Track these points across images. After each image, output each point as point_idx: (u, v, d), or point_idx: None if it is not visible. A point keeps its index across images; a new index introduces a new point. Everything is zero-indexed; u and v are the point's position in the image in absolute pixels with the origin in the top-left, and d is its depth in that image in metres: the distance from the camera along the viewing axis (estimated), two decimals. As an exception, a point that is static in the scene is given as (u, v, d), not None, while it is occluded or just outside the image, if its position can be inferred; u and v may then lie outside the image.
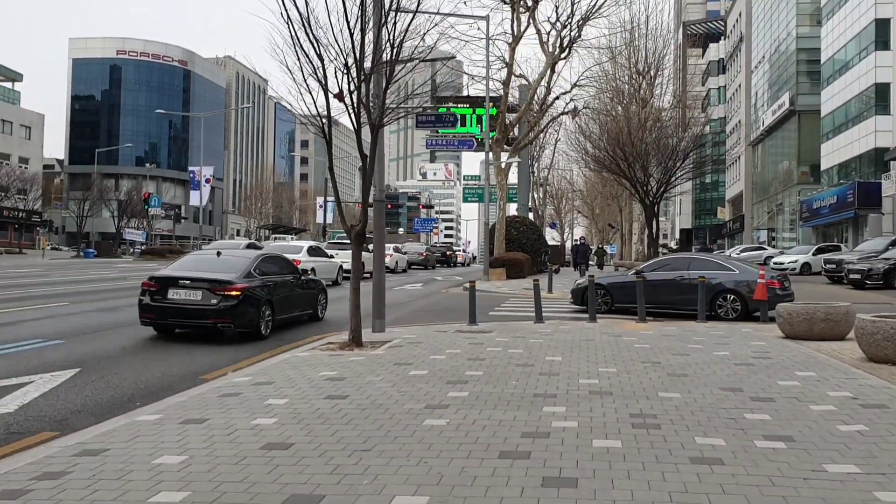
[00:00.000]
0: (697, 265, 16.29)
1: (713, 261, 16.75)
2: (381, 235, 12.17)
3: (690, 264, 16.43)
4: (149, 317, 11.45)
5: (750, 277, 15.54)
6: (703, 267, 16.12)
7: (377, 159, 12.03)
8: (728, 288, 15.45)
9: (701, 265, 16.28)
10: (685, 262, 16.79)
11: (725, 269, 16.06)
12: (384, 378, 7.66)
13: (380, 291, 12.13)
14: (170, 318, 11.31)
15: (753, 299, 15.05)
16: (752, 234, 65.38)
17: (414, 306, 18.54)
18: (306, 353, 9.79)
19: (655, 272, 16.47)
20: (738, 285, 15.47)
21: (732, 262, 16.95)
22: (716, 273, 15.78)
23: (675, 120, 39.76)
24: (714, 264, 16.39)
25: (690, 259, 17.03)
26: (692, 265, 16.33)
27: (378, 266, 12.11)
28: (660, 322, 14.31)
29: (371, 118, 10.20)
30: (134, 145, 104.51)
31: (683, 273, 16.06)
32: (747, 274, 15.79)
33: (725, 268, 16.11)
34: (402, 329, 12.74)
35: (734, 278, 15.67)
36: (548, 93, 29.37)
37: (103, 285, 23.04)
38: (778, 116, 54.64)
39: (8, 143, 77.74)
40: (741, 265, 16.64)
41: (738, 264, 16.62)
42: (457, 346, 10.00)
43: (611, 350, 9.62)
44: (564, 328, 12.62)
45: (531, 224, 33.26)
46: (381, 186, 12.12)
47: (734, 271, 15.95)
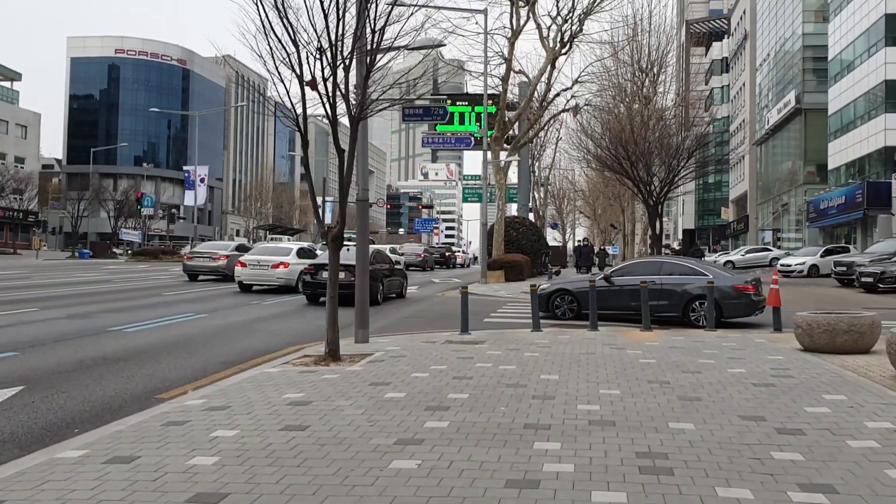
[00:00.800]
0: (669, 269, 15.37)
1: (686, 265, 15.74)
2: (364, 237, 11.24)
3: (662, 268, 15.51)
4: (308, 290, 18.29)
5: (725, 283, 14.70)
6: (676, 271, 15.30)
7: (360, 155, 11.13)
8: (702, 294, 14.49)
9: (673, 269, 15.39)
10: (656, 265, 15.78)
11: (699, 273, 15.09)
12: (355, 402, 6.73)
13: (363, 298, 11.21)
14: (319, 289, 17.26)
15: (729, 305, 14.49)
16: (756, 235, 64.39)
17: (405, 312, 17.62)
18: (277, 368, 8.87)
19: (625, 277, 15.54)
20: (714, 291, 14.52)
21: (707, 266, 16.07)
22: (689, 278, 14.92)
23: (679, 118, 38.79)
24: (687, 268, 15.42)
25: (661, 263, 15.95)
26: (664, 269, 15.43)
27: (361, 271, 11.19)
28: (666, 330, 13.37)
29: (350, 110, 9.29)
30: (132, 145, 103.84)
31: (655, 278, 15.15)
32: (722, 279, 14.97)
33: (699, 272, 15.15)
34: (388, 339, 11.82)
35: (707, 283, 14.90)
36: (548, 89, 28.45)
37: (83, 289, 22.14)
38: (783, 115, 53.64)
39: (3, 143, 76.92)
40: (716, 270, 15.77)
41: (712, 269, 15.71)
42: (443, 361, 9.07)
43: (614, 366, 8.68)
44: (563, 338, 11.69)
45: (531, 224, 32.31)
46: (365, 185, 11.19)
47: (708, 276, 15.01)
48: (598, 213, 74.32)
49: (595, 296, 13.94)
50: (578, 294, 15.62)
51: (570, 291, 15.77)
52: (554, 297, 15.79)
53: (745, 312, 14.70)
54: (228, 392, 7.35)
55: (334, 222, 10.13)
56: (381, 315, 16.42)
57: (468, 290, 16.05)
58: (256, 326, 13.97)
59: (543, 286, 16.45)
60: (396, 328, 14.12)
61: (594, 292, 13.98)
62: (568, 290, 15.79)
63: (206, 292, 21.40)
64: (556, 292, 15.89)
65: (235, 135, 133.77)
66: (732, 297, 14.65)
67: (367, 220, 11.29)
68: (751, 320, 15.26)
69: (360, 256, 11.24)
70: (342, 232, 9.36)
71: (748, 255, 49.86)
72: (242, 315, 15.63)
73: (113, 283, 25.11)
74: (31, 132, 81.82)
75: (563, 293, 15.73)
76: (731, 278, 15.34)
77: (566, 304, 15.67)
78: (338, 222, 9.36)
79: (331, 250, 9.44)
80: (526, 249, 30.43)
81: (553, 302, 15.79)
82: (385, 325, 14.50)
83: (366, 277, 11.26)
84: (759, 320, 15.39)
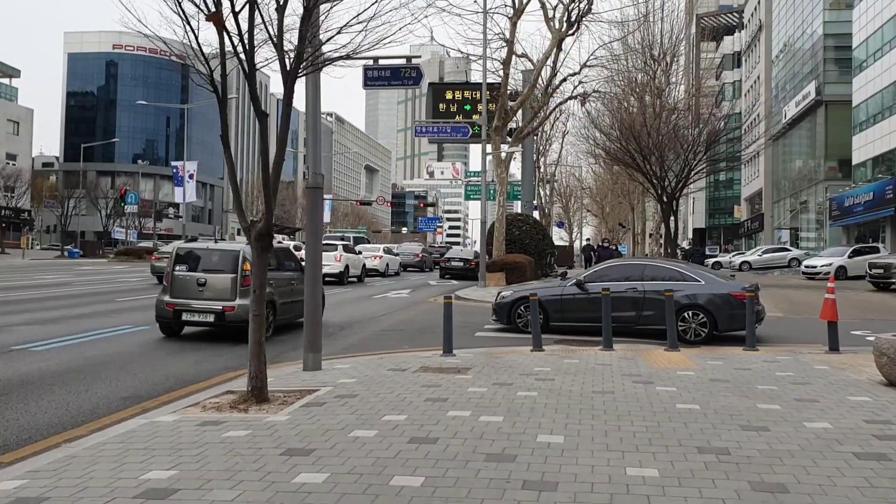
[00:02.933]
0: (654, 274, 13.13)
1: (673, 269, 13.33)
2: (316, 231, 8.78)
3: (645, 272, 13.21)
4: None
5: (720, 290, 12.50)
6: (661, 276, 13.05)
7: (312, 125, 8.68)
8: (693, 303, 12.39)
9: (658, 274, 13.11)
10: (638, 269, 13.44)
11: (689, 279, 12.86)
12: (243, 495, 4.26)
13: (314, 312, 8.74)
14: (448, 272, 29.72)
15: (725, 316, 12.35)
16: (772, 234, 61.71)
17: (386, 322, 15.11)
18: (175, 415, 6.41)
19: (601, 282, 13.06)
20: (706, 300, 12.41)
21: (698, 270, 13.55)
22: (677, 284, 12.63)
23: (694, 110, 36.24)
24: (675, 273, 13.10)
25: (644, 266, 13.65)
26: (647, 273, 13.15)
27: (312, 277, 8.72)
28: (694, 350, 10.86)
29: (283, 62, 6.84)
30: (131, 142, 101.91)
31: (636, 284, 12.87)
32: (716, 285, 12.73)
33: (689, 277, 12.89)
34: (350, 363, 9.35)
35: (700, 290, 12.58)
36: (553, 74, 25.86)
37: (33, 293, 19.72)
38: (802, 108, 50.97)
39: (-6, 139, 74.84)
40: (708, 275, 13.38)
41: (704, 273, 13.33)
42: (405, 406, 6.59)
43: (642, 416, 6.18)
44: (570, 363, 9.21)
45: (535, 223, 29.78)
46: (317, 169, 8.72)
47: (699, 282, 12.77)
48: (607, 211, 71.67)
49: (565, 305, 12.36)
50: (546, 303, 13.16)
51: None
52: (517, 307, 13.39)
53: (740, 324, 12.38)
54: (72, 465, 4.90)
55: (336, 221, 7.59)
56: (355, 328, 13.95)
57: (461, 297, 13.69)
58: (199, 343, 11.52)
59: (504, 293, 14.01)
60: (367, 346, 11.64)
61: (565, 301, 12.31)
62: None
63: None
64: (519, 301, 13.42)
65: (237, 133, 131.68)
66: (729, 306, 12.36)
67: (320, 214, 8.82)
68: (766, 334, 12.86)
69: (310, 259, 8.77)
70: (269, 228, 6.88)
71: (766, 256, 47.33)
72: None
73: (72, 286, 22.72)
74: (23, 128, 79.67)
75: (527, 302, 13.26)
76: (726, 284, 12.92)
77: (530, 315, 13.20)
78: (260, 216, 6.89)
79: (254, 253, 6.96)
80: (529, 249, 27.89)
81: (516, 312, 13.40)
82: (354, 343, 12.02)
83: (317, 285, 8.79)
84: (780, 333, 13.00)
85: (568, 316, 13.01)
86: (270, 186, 6.91)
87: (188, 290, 11.81)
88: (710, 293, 12.48)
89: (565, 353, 10.47)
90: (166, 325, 12.19)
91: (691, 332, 12.29)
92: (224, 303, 11.54)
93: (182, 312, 11.77)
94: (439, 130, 25.44)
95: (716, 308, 12.35)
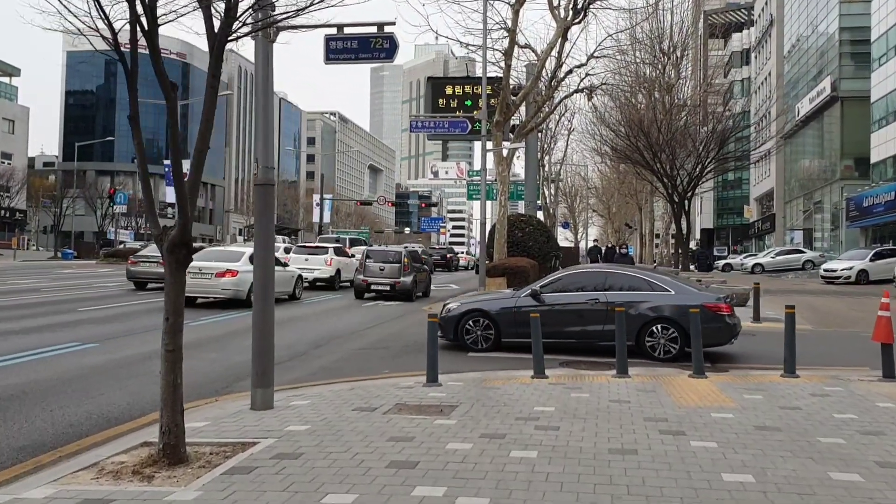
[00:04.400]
0: (617, 282, 11.60)
1: (639, 277, 11.80)
2: (267, 237, 7.17)
3: (608, 281, 11.66)
4: None
5: (692, 301, 10.84)
6: (626, 284, 11.52)
7: (260, 104, 7.09)
8: (662, 315, 10.97)
9: (622, 282, 11.60)
10: (600, 277, 11.87)
11: (657, 288, 11.36)
12: None
13: (263, 338, 7.12)
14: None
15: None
16: (783, 236, 59.91)
17: (370, 337, 13.44)
18: (51, 489, 4.79)
19: (559, 293, 11.58)
20: (676, 312, 10.84)
21: (666, 279, 11.93)
22: (644, 294, 11.25)
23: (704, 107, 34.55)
24: (641, 282, 11.57)
25: (607, 273, 12.02)
26: (610, 282, 11.62)
27: (261, 295, 7.10)
28: (720, 375, 9.21)
29: (209, 20, 5.24)
30: (130, 141, 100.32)
31: (598, 295, 11.35)
32: (687, 296, 11.18)
33: (657, 286, 11.38)
34: (311, 397, 7.73)
35: (670, 301, 11.04)
36: (559, 65, 24.16)
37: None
38: (816, 105, 49.18)
39: (-11, 138, 73.49)
40: (678, 284, 11.78)
41: (673, 282, 11.72)
42: (360, 475, 4.95)
43: (679, 495, 4.53)
44: (579, 396, 7.59)
45: (539, 224, 28.07)
46: (269, 161, 7.09)
47: (668, 291, 11.26)
48: (613, 211, 69.94)
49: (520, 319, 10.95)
50: (497, 316, 11.56)
51: (485, 313, 11.66)
52: (464, 322, 11.67)
53: (717, 340, 11.05)
54: None
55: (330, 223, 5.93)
56: (334, 345, 12.31)
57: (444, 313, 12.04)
58: (145, 367, 9.91)
59: (451, 305, 12.25)
60: (342, 369, 10.02)
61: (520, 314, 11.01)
62: (483, 312, 11.68)
63: (133, 307, 17.35)
64: (468, 314, 11.74)
65: (238, 132, 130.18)
66: (702, 319, 10.54)
67: (271, 216, 7.19)
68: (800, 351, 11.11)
69: (259, 272, 7.16)
70: (186, 237, 5.23)
71: (779, 258, 45.61)
72: (144, 345, 11.57)
73: (41, 292, 21.14)
74: (18, 127, 78.32)
75: (477, 315, 11.63)
76: (699, 295, 11.31)
77: (480, 331, 11.61)
78: (175, 223, 5.25)
79: (168, 269, 5.32)
80: (533, 252, 26.19)
81: (463, 327, 11.66)
82: (327, 365, 10.38)
83: (267, 306, 7.18)
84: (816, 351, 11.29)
85: (523, 331, 11.10)
86: (185, 185, 5.27)
87: (373, 273, 21.64)
88: (681, 304, 10.89)
89: (572, 380, 8.84)
90: (361, 291, 21.80)
91: (660, 349, 10.87)
92: (394, 280, 21.45)
93: (371, 285, 21.58)
94: (436, 125, 23.77)
95: (687, 322, 10.61)
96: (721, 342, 11.22)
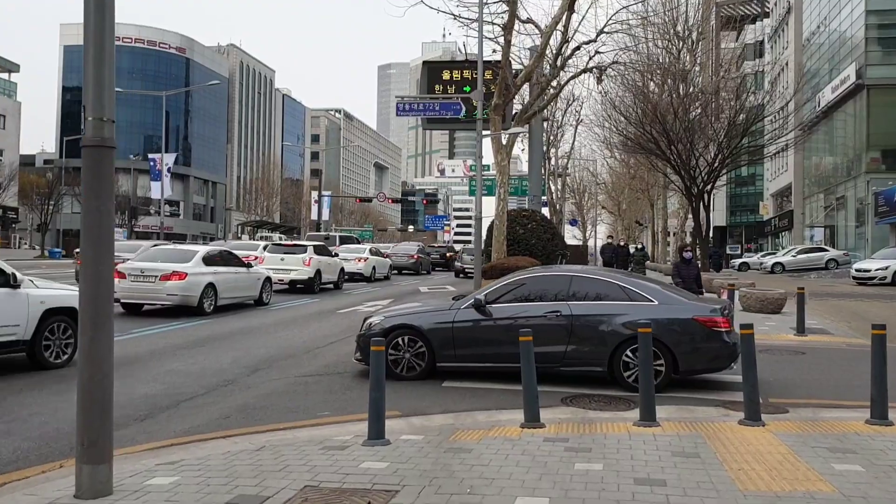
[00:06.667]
0: (584, 289, 8.87)
1: (612, 282, 8.96)
2: (101, 223, 4.58)
3: (572, 287, 8.90)
4: None
5: (679, 313, 8.49)
6: (596, 292, 8.81)
7: (96, 56, 4.52)
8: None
9: (590, 289, 8.87)
10: (562, 282, 9.05)
11: (635, 296, 8.69)
12: None
13: (95, 383, 4.55)
14: None
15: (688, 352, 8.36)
16: (802, 233, 57.04)
17: (325, 357, 10.72)
18: None
19: (511, 304, 8.88)
20: (661, 327, 8.16)
21: (648, 285, 9.12)
22: (619, 305, 8.60)
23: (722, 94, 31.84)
24: (615, 289, 8.82)
25: (571, 278, 9.13)
26: (575, 289, 8.88)
27: (93, 311, 4.53)
28: (788, 426, 6.58)
29: None
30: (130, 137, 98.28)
31: (560, 306, 8.67)
32: (674, 307, 8.61)
33: (636, 295, 8.70)
34: (182, 471, 5.15)
35: (653, 314, 8.34)
36: (564, 41, 21.52)
37: None
38: (840, 94, 46.30)
39: (-23, 133, 71.27)
40: (662, 291, 8.92)
41: (655, 289, 8.91)
42: None
43: None
44: (588, 469, 5.00)
45: (543, 219, 25.36)
46: (101, 112, 4.50)
47: (650, 301, 8.59)
48: (623, 208, 67.15)
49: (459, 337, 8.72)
50: (430, 334, 8.86)
51: (415, 329, 8.92)
52: (391, 340, 8.87)
53: (711, 363, 8.51)
54: None
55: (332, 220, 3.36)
56: (274, 370, 9.73)
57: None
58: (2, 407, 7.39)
59: (373, 319, 9.39)
60: (265, 410, 7.44)
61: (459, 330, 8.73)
62: (412, 328, 8.95)
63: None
64: (395, 331, 8.98)
65: (240, 128, 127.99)
66: (693, 337, 8.35)
67: (107, 189, 4.59)
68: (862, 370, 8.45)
69: (90, 277, 4.58)
70: None
71: (800, 257, 42.88)
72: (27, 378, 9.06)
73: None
74: (10, 122, 76.12)
75: (405, 333, 8.93)
76: (688, 305, 8.69)
77: (410, 353, 8.84)
78: None
79: None
80: (536, 251, 23.49)
81: (387, 349, 8.71)
82: (248, 403, 7.77)
83: (103, 330, 4.60)
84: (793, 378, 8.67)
85: (463, 353, 8.73)
86: None
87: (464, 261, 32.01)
88: (667, 318, 8.38)
89: (578, 431, 6.27)
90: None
91: (636, 373, 8.10)
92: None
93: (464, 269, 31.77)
94: (426, 108, 21.11)
95: (675, 340, 8.26)
96: (719, 367, 8.58)
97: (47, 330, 9.04)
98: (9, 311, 8.57)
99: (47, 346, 9.07)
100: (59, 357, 9.24)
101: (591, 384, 8.52)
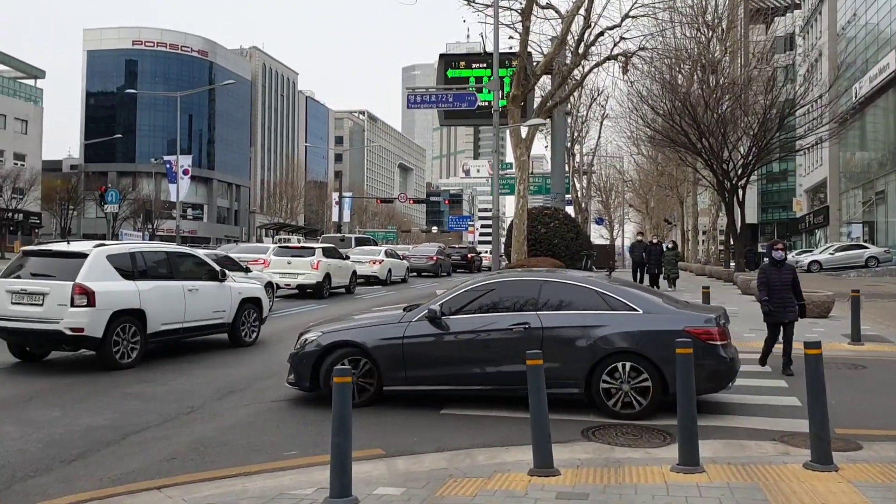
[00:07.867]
0: (556, 295, 7.54)
1: (590, 289, 7.58)
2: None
3: (542, 294, 7.53)
4: None
5: (667, 325, 7.07)
6: (570, 300, 7.47)
7: None
8: (625, 349, 7.08)
9: (564, 297, 7.53)
10: (531, 288, 7.67)
11: (617, 305, 7.33)
12: None
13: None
14: None
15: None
16: (839, 230, 54.84)
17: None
18: None
19: (471, 315, 7.51)
20: (647, 342, 7.02)
21: (632, 292, 7.65)
22: (598, 316, 7.28)
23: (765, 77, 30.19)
24: (593, 296, 7.47)
25: (542, 283, 7.74)
26: (546, 296, 7.52)
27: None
28: (860, 472, 5.17)
29: None
30: (153, 141, 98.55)
31: (528, 317, 7.31)
32: (661, 317, 7.24)
33: (617, 303, 7.35)
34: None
35: (637, 326, 7.15)
36: (587, 27, 20.12)
37: None
38: (878, 83, 44.22)
39: (1, 138, 71.18)
40: (648, 299, 7.58)
41: (640, 297, 7.57)
42: None
43: None
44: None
45: (566, 217, 23.95)
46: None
47: (635, 310, 7.28)
48: (651, 206, 65.29)
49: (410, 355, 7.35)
50: (376, 352, 7.46)
51: (359, 347, 7.54)
52: (328, 361, 7.44)
53: (706, 384, 6.95)
54: None
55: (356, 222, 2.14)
56: (248, 393, 8.45)
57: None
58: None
59: (309, 335, 7.84)
60: (221, 448, 6.18)
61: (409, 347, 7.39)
62: (355, 345, 7.57)
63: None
64: (334, 349, 7.57)
65: (263, 131, 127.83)
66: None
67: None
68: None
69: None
70: None
71: (838, 255, 41.01)
72: None
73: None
74: (32, 127, 76.13)
75: (347, 351, 7.54)
76: (677, 316, 7.27)
77: (357, 374, 7.35)
78: None
79: None
80: (559, 251, 22.11)
81: (326, 371, 7.34)
82: (209, 435, 6.52)
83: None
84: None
85: (415, 375, 7.35)
86: None
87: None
88: (654, 330, 7.04)
89: (601, 479, 4.94)
90: None
91: (619, 399, 6.98)
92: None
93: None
94: (438, 99, 19.82)
95: (663, 356, 6.75)
96: (715, 387, 7.20)
97: (243, 315, 11.58)
98: (220, 299, 11.23)
99: (242, 328, 11.56)
100: (249, 336, 11.77)
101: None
